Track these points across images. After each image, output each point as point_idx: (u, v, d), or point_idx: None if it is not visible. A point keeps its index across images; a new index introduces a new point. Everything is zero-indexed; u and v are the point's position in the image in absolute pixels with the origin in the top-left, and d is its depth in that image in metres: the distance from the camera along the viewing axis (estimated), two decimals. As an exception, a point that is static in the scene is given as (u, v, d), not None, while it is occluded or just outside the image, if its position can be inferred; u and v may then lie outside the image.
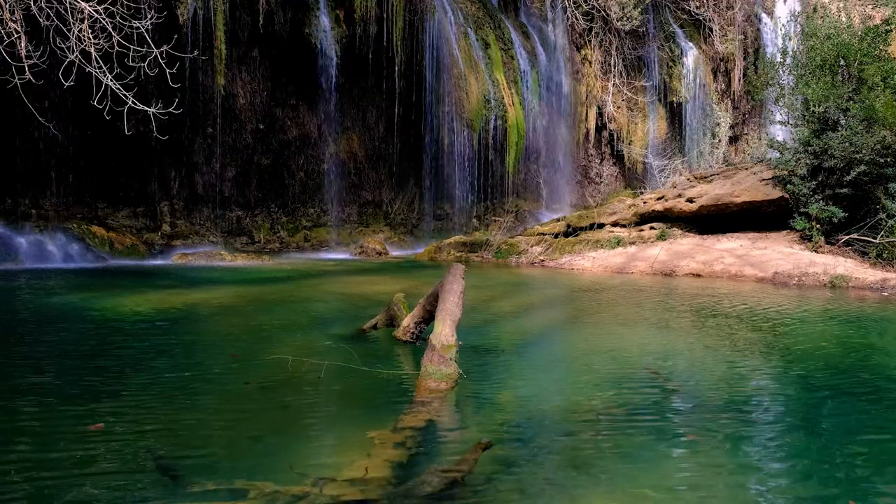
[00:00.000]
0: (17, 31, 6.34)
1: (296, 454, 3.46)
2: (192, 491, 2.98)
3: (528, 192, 23.11)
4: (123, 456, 3.37)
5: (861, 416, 4.27)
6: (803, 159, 13.98)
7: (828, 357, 5.93)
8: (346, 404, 4.50)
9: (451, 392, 4.53)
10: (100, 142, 16.25)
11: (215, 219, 18.72)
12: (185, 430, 3.80)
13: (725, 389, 4.83)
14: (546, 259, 15.53)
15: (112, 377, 4.92)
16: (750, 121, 26.97)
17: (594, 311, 8.74)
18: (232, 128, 18.71)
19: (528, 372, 5.36)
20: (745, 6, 26.16)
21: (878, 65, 13.92)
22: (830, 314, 8.38)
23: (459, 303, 5.33)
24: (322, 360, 5.27)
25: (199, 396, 4.51)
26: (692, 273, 12.78)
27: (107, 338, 6.44)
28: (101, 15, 6.44)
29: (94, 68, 6.55)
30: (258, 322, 7.42)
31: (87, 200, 16.96)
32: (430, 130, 20.53)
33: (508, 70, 22.08)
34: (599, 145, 25.49)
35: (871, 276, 11.29)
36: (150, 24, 7.35)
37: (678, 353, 6.12)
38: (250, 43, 18.20)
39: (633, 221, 16.73)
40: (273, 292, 10.11)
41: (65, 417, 3.98)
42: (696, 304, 9.14)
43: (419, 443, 3.63)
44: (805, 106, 14.91)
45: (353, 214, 20.92)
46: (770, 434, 3.94)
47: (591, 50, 24.60)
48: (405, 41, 19.66)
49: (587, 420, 4.08)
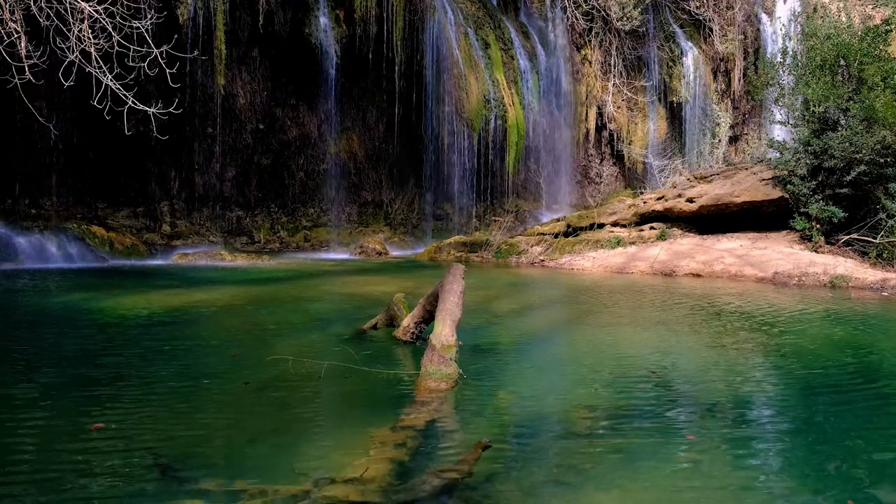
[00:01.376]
0: (17, 31, 6.34)
1: (296, 454, 3.46)
2: (192, 491, 2.98)
3: (528, 192, 23.11)
4: (123, 456, 3.37)
5: (861, 416, 4.27)
6: (803, 159, 13.98)
7: (828, 357, 5.93)
8: (346, 404, 4.50)
9: (451, 392, 4.53)
10: (100, 142, 16.25)
11: (215, 219, 18.72)
12: (185, 430, 3.80)
13: (725, 389, 4.83)
14: (546, 259, 15.53)
15: (112, 377, 4.92)
16: (750, 121, 26.97)
17: (594, 312, 8.73)
18: (232, 128, 18.72)
19: (528, 372, 5.36)
20: (745, 6, 26.15)
21: (878, 65, 13.91)
22: (830, 314, 8.37)
23: (459, 303, 5.33)
24: (322, 360, 5.27)
25: (200, 396, 4.51)
26: (692, 273, 12.78)
27: (107, 338, 6.44)
28: (101, 15, 6.44)
29: (94, 68, 6.55)
30: (258, 322, 7.42)
31: (87, 200, 16.97)
32: (430, 130, 20.52)
33: (508, 70, 22.07)
34: (599, 145, 25.48)
35: (871, 276, 11.29)
36: (150, 24, 7.35)
37: (678, 353, 6.12)
38: (250, 43, 18.21)
39: (633, 221, 16.73)
40: (273, 292, 10.11)
41: (65, 417, 3.98)
42: (696, 304, 9.14)
43: (419, 443, 3.63)
44: (805, 106, 14.90)
45: (353, 214, 20.92)
46: (770, 434, 3.95)
47: (591, 50, 24.60)
48: (405, 41, 19.66)
49: (587, 420, 4.08)
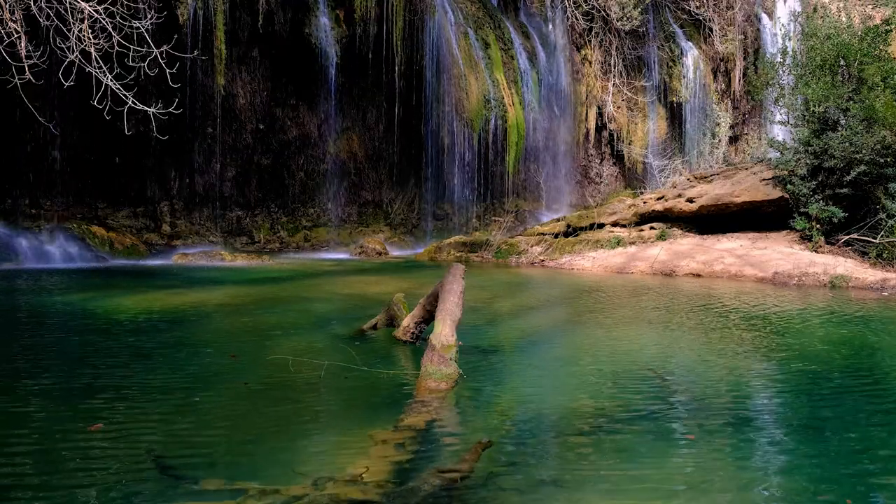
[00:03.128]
0: (17, 31, 6.34)
1: (296, 454, 3.46)
2: (192, 491, 2.98)
3: (528, 192, 23.10)
4: (123, 456, 3.37)
5: (860, 416, 4.27)
6: (803, 159, 13.98)
7: (828, 357, 5.93)
8: (346, 404, 4.50)
9: (451, 392, 4.53)
10: (100, 142, 16.25)
11: (215, 219, 18.71)
12: (185, 430, 3.80)
13: (725, 389, 4.83)
14: (546, 259, 15.52)
15: (112, 377, 4.92)
16: (750, 121, 26.96)
17: (594, 312, 8.73)
18: (232, 128, 18.71)
19: (528, 372, 5.36)
20: (745, 6, 26.14)
21: (878, 65, 13.91)
22: (830, 314, 8.37)
23: (459, 303, 5.33)
24: (322, 360, 5.27)
25: (200, 396, 4.51)
26: (692, 273, 12.78)
27: (106, 338, 6.44)
28: (101, 15, 6.43)
29: (94, 68, 6.55)
30: (258, 322, 7.42)
31: (87, 200, 16.96)
32: (430, 130, 20.51)
33: (508, 70, 22.07)
34: (599, 145, 25.48)
35: (871, 276, 11.29)
36: (150, 24, 7.35)
37: (678, 353, 6.12)
38: (250, 43, 18.20)
39: (633, 221, 16.72)
40: (273, 292, 10.11)
41: (64, 418, 3.98)
42: (697, 304, 9.14)
43: (419, 443, 3.63)
44: (805, 106, 14.90)
45: (353, 214, 20.91)
46: (769, 434, 3.95)
47: (591, 50, 24.59)
48: (405, 41, 19.66)
49: (587, 420, 4.08)
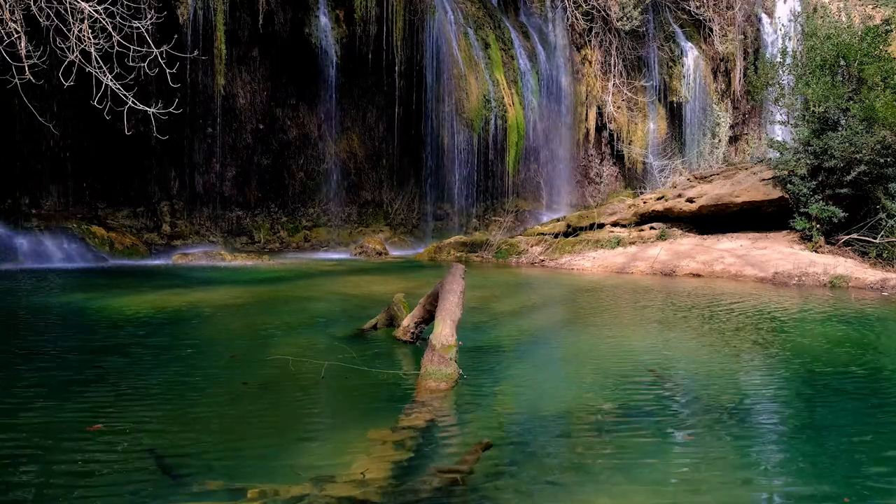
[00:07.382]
0: (17, 31, 6.34)
1: (296, 454, 3.46)
2: (192, 491, 2.98)
3: (528, 192, 23.09)
4: (123, 456, 3.37)
5: (860, 416, 4.27)
6: (803, 159, 13.98)
7: (827, 357, 5.93)
8: (346, 404, 4.50)
9: (451, 392, 4.53)
10: (100, 142, 16.25)
11: (215, 219, 18.70)
12: (185, 430, 3.80)
13: (725, 389, 4.83)
14: (546, 259, 15.52)
15: (111, 377, 4.92)
16: (750, 121, 26.96)
17: (594, 312, 8.73)
18: (232, 128, 18.71)
19: (528, 372, 5.36)
20: (745, 6, 26.14)
21: (878, 65, 13.90)
22: (830, 314, 8.37)
23: (459, 303, 5.32)
24: (322, 360, 5.27)
25: (199, 396, 4.50)
26: (692, 273, 12.78)
27: (106, 338, 6.44)
28: (101, 15, 6.43)
29: (94, 68, 6.55)
30: (258, 322, 7.42)
31: (87, 200, 16.95)
32: (430, 130, 20.50)
33: (508, 70, 22.07)
34: (599, 145, 25.47)
35: (871, 276, 11.29)
36: (150, 24, 7.35)
37: (678, 353, 6.12)
38: (250, 43, 18.20)
39: (633, 221, 16.72)
40: (273, 292, 10.10)
41: (64, 418, 3.98)
42: (697, 304, 9.14)
43: (419, 443, 3.63)
44: (805, 106, 14.89)
45: (353, 214, 20.90)
46: (769, 434, 3.95)
47: (591, 50, 24.59)
48: (405, 41, 19.65)
49: (587, 420, 4.08)
